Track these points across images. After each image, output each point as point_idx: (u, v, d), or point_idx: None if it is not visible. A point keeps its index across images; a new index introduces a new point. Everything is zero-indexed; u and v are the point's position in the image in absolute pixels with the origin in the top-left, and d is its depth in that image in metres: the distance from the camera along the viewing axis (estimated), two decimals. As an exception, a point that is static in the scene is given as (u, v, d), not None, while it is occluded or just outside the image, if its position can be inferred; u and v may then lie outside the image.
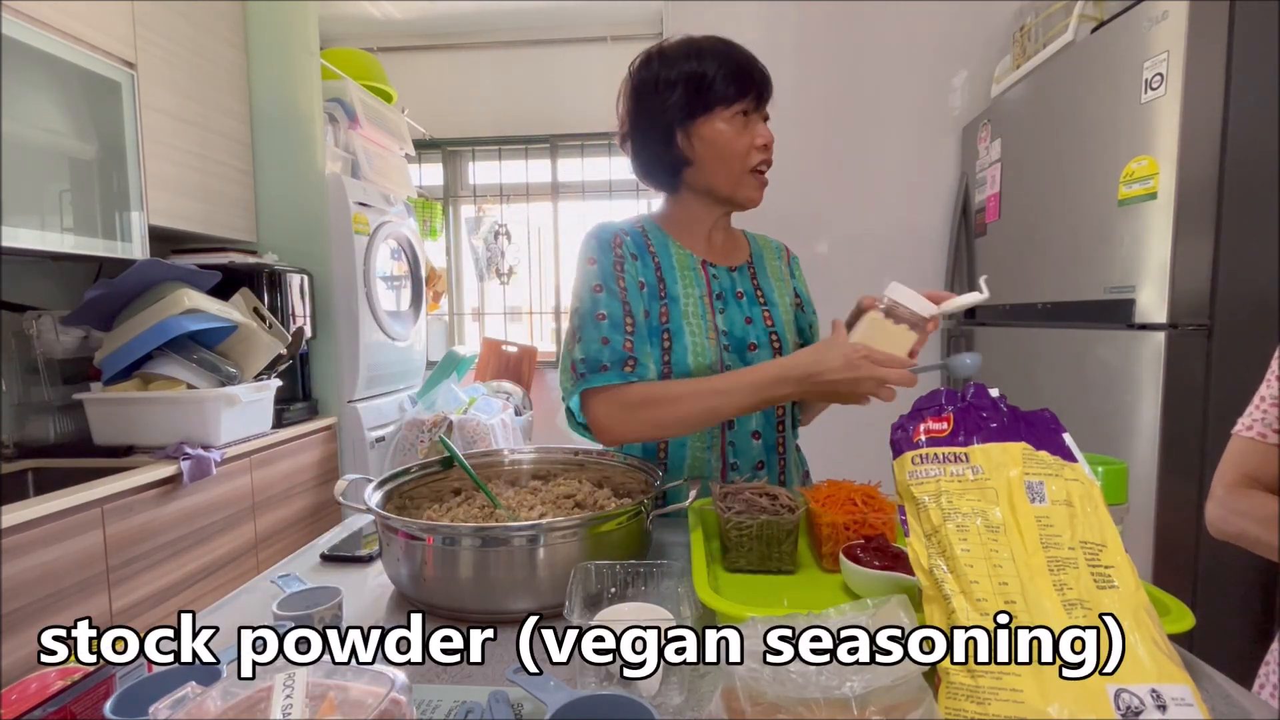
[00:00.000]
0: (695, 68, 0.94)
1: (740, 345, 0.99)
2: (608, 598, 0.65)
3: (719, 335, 0.98)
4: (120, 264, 1.69)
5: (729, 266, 1.05)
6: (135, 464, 1.59)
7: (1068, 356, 1.58)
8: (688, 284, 1.00)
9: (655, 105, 0.95)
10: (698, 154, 0.96)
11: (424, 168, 3.62)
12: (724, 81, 0.93)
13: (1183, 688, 0.43)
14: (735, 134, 0.94)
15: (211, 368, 1.75)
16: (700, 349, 0.96)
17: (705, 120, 0.94)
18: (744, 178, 0.96)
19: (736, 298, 1.02)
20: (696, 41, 0.97)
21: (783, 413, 1.03)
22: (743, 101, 0.93)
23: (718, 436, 1.00)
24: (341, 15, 3.15)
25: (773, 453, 1.03)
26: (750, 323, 1.01)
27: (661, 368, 0.96)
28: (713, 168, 0.96)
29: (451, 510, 0.86)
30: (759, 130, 0.96)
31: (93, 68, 1.61)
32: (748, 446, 1.01)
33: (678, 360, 0.96)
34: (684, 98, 0.94)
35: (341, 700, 0.42)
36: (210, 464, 1.67)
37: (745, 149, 0.95)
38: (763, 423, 1.01)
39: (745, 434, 1.00)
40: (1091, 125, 1.49)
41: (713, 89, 0.93)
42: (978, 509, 0.52)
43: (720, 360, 0.97)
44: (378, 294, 2.49)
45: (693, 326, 0.97)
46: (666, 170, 0.99)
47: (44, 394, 1.78)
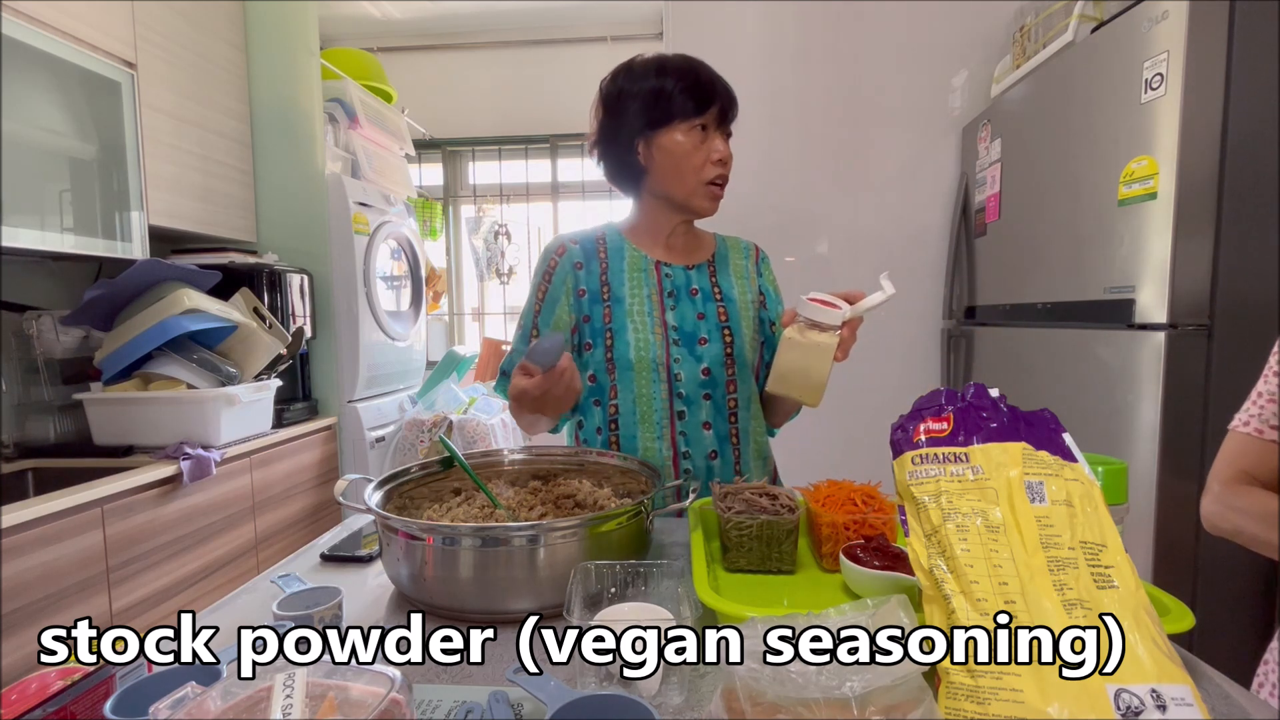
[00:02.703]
0: (658, 83, 1.00)
1: (690, 339, 1.05)
2: (608, 598, 0.65)
3: (668, 330, 1.04)
4: (120, 264, 1.69)
5: (686, 265, 1.10)
6: (135, 464, 1.59)
7: (1068, 356, 1.58)
8: (636, 284, 1.06)
9: (620, 115, 1.03)
10: (656, 163, 1.02)
11: (424, 168, 3.63)
12: (684, 97, 0.99)
13: (1183, 688, 0.43)
14: (692, 147, 1.00)
15: (211, 368, 1.75)
16: (643, 344, 1.03)
17: (665, 132, 1.00)
18: (698, 188, 1.02)
19: (690, 295, 1.08)
20: (665, 59, 1.03)
21: (734, 404, 1.06)
22: (701, 117, 1.00)
23: (667, 427, 1.04)
24: (341, 15, 3.15)
25: (725, 443, 1.06)
26: (702, 318, 1.06)
27: (605, 364, 1.04)
28: (669, 177, 1.02)
29: (451, 510, 0.86)
30: (716, 146, 1.01)
31: (93, 68, 1.61)
32: (699, 437, 1.04)
33: (619, 355, 1.03)
34: (646, 109, 1.00)
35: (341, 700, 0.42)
36: (210, 464, 1.67)
37: (700, 162, 1.01)
38: (713, 413, 1.05)
39: (696, 424, 1.04)
40: (1091, 125, 1.49)
41: (673, 103, 0.99)
42: (978, 509, 0.52)
43: (667, 353, 1.04)
44: (378, 294, 2.49)
45: (637, 324, 1.04)
46: (629, 177, 1.07)
47: (44, 394, 1.78)
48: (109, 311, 1.72)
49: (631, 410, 1.04)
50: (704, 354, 1.05)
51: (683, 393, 1.04)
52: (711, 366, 1.05)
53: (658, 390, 1.03)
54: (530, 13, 3.18)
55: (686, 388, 1.04)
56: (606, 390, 1.05)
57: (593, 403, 1.07)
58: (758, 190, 2.30)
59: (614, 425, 1.05)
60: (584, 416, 1.09)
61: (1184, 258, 1.28)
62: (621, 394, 1.04)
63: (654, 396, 1.03)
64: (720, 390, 1.05)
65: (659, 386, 1.03)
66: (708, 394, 1.05)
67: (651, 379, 1.03)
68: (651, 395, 1.03)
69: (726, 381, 1.06)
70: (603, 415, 1.06)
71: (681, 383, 1.04)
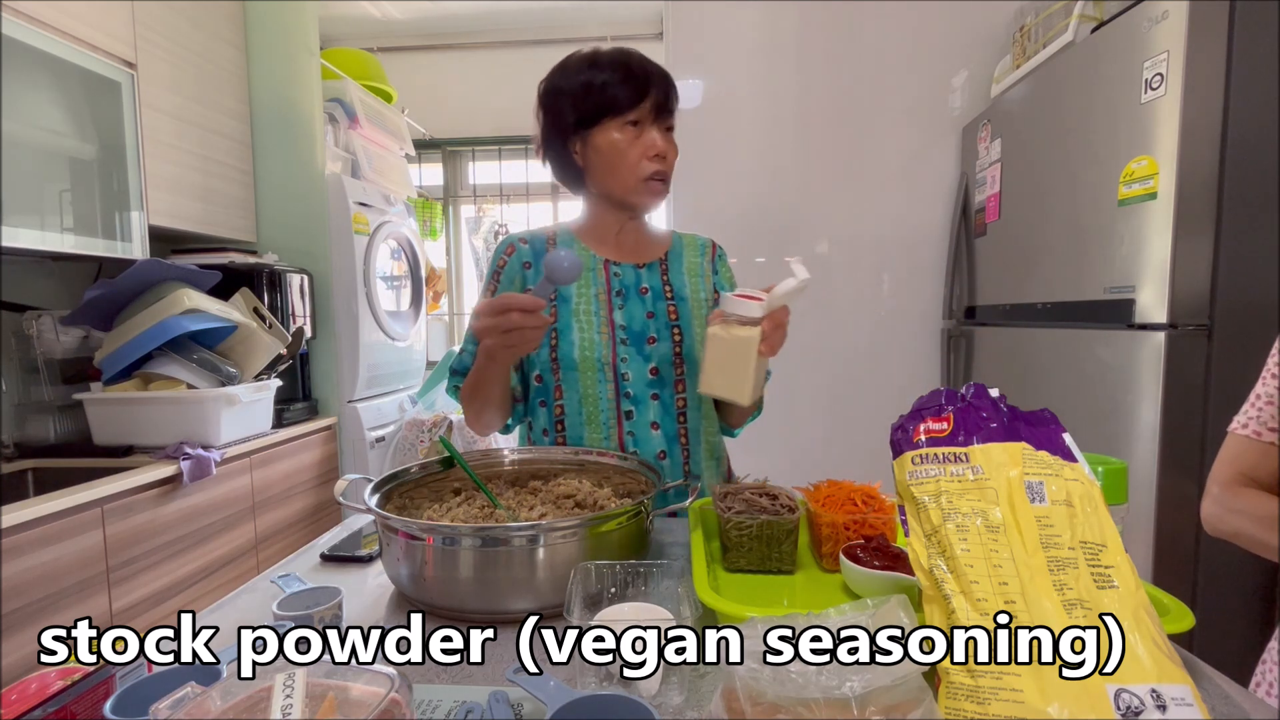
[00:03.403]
0: (589, 78, 0.98)
1: (639, 338, 1.04)
2: (608, 598, 0.65)
3: (615, 329, 1.03)
4: (120, 264, 1.69)
5: (636, 264, 1.09)
6: (135, 464, 1.59)
7: (1068, 356, 1.58)
8: (583, 284, 1.06)
9: (555, 114, 1.01)
10: (592, 162, 1.01)
11: (424, 168, 3.62)
12: (614, 92, 0.96)
13: (1183, 688, 0.43)
14: (627, 143, 0.98)
15: (211, 368, 1.75)
16: (588, 343, 1.02)
17: (598, 129, 0.98)
18: (636, 185, 1.00)
19: (640, 293, 1.06)
20: (597, 54, 1.00)
21: (683, 403, 1.06)
22: (633, 111, 0.97)
23: (614, 427, 1.03)
24: (341, 15, 3.15)
25: (674, 443, 1.05)
26: (652, 317, 1.05)
27: (550, 364, 1.03)
28: (606, 176, 1.01)
29: (451, 510, 0.86)
30: (651, 140, 0.98)
31: (93, 68, 1.61)
32: (647, 437, 1.03)
33: (564, 355, 1.02)
34: (578, 107, 0.98)
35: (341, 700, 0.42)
36: (210, 464, 1.67)
37: (636, 158, 0.98)
38: (661, 413, 1.04)
39: (644, 424, 1.03)
40: (1091, 125, 1.49)
41: (603, 99, 0.97)
42: (978, 509, 0.52)
43: (614, 353, 1.02)
44: (378, 294, 2.49)
45: (582, 323, 1.03)
46: (571, 177, 1.06)
47: (44, 394, 1.78)
48: (109, 311, 1.72)
49: (578, 410, 1.03)
50: (652, 353, 1.04)
51: (630, 392, 1.03)
52: (660, 366, 1.04)
53: (603, 390, 1.02)
54: (530, 13, 3.18)
55: (634, 387, 1.03)
56: (552, 390, 1.04)
57: (539, 403, 1.07)
58: (758, 190, 2.30)
59: (560, 426, 1.04)
60: (531, 417, 1.09)
61: (1184, 258, 1.28)
62: (567, 394, 1.03)
63: (600, 396, 1.02)
64: (669, 390, 1.04)
65: (605, 386, 1.02)
66: (656, 394, 1.04)
67: (597, 378, 1.02)
68: (597, 395, 1.02)
69: (675, 381, 1.05)
70: (549, 416, 1.05)
71: (629, 382, 1.03)
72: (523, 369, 1.08)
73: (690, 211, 2.31)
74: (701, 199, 2.31)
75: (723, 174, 2.30)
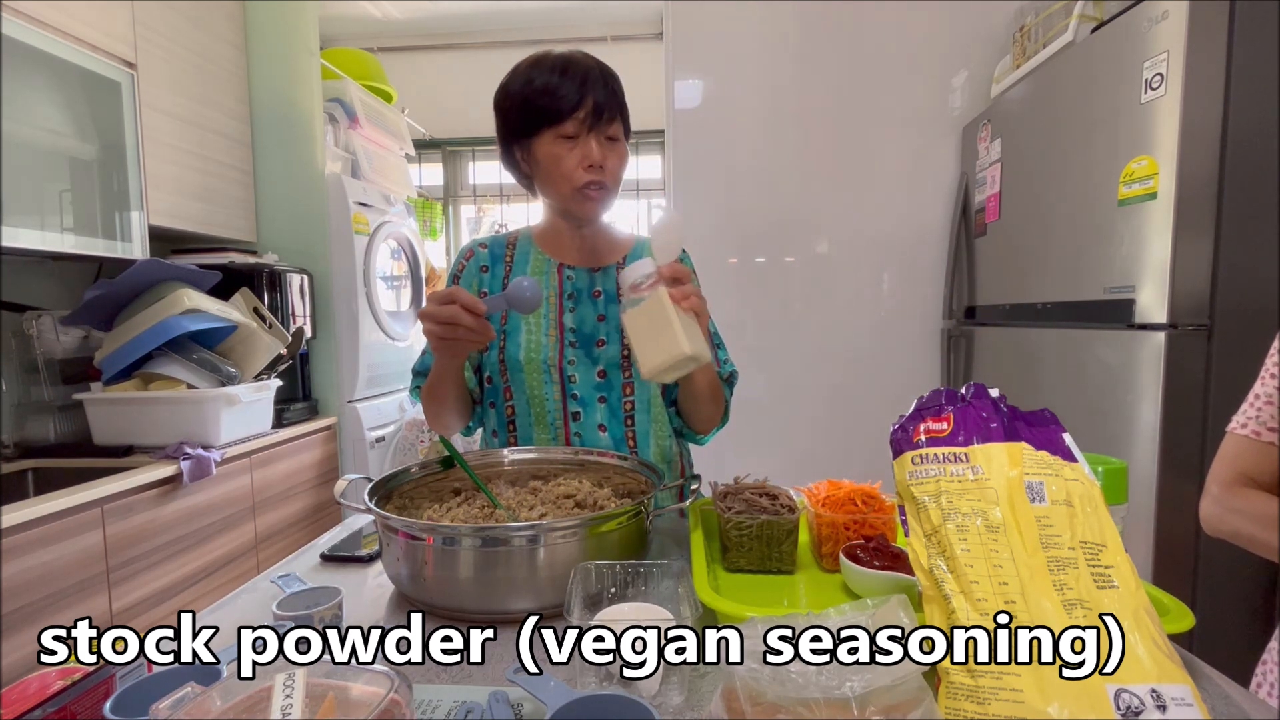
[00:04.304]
0: (528, 88, 0.96)
1: (588, 341, 1.05)
2: (608, 598, 0.65)
3: (564, 332, 1.04)
4: (120, 264, 1.69)
5: (591, 267, 1.09)
6: (135, 464, 1.59)
7: (1068, 356, 1.58)
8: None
9: (501, 123, 1.01)
10: (535, 171, 1.01)
11: (424, 168, 3.63)
12: (549, 103, 0.94)
13: (1182, 688, 0.43)
14: (563, 153, 0.96)
15: (211, 368, 1.75)
16: (534, 345, 1.03)
17: (537, 140, 0.97)
18: (571, 194, 0.98)
19: (592, 296, 1.07)
20: (540, 59, 0.98)
21: (631, 406, 1.06)
22: (568, 124, 0.94)
23: (561, 429, 1.04)
24: (341, 15, 3.15)
25: (621, 446, 1.06)
26: (602, 320, 1.06)
27: (499, 365, 1.04)
28: (545, 184, 1.01)
29: (451, 510, 0.86)
30: (587, 150, 0.96)
31: (93, 68, 1.61)
32: (594, 439, 1.04)
33: (510, 356, 1.03)
34: (518, 117, 0.98)
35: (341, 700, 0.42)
36: (210, 464, 1.67)
37: (571, 168, 0.96)
38: (608, 416, 1.05)
39: (591, 426, 1.04)
40: (1091, 125, 1.49)
41: (538, 110, 0.95)
42: (978, 509, 0.52)
43: (561, 355, 1.03)
44: (378, 294, 2.49)
45: (530, 325, 1.04)
46: (523, 183, 1.06)
47: (44, 394, 1.78)
48: (109, 311, 1.72)
49: (526, 411, 1.04)
50: (600, 356, 1.04)
51: (577, 394, 1.04)
52: (607, 369, 1.04)
53: (550, 391, 1.03)
54: (530, 13, 3.18)
55: (581, 389, 1.04)
56: (501, 391, 1.06)
57: (489, 405, 1.08)
58: (758, 190, 2.30)
59: (511, 426, 1.06)
60: (484, 418, 1.10)
61: (1184, 258, 1.28)
62: (516, 395, 1.05)
63: (546, 398, 1.03)
64: (616, 393, 1.05)
65: (551, 388, 1.03)
66: (603, 397, 1.05)
67: (543, 380, 1.03)
68: (544, 396, 1.03)
69: (623, 384, 1.05)
70: (499, 416, 1.07)
71: (576, 384, 1.03)
72: (479, 371, 1.09)
73: (690, 212, 2.31)
74: (701, 199, 2.31)
75: (723, 174, 2.29)
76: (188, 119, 1.95)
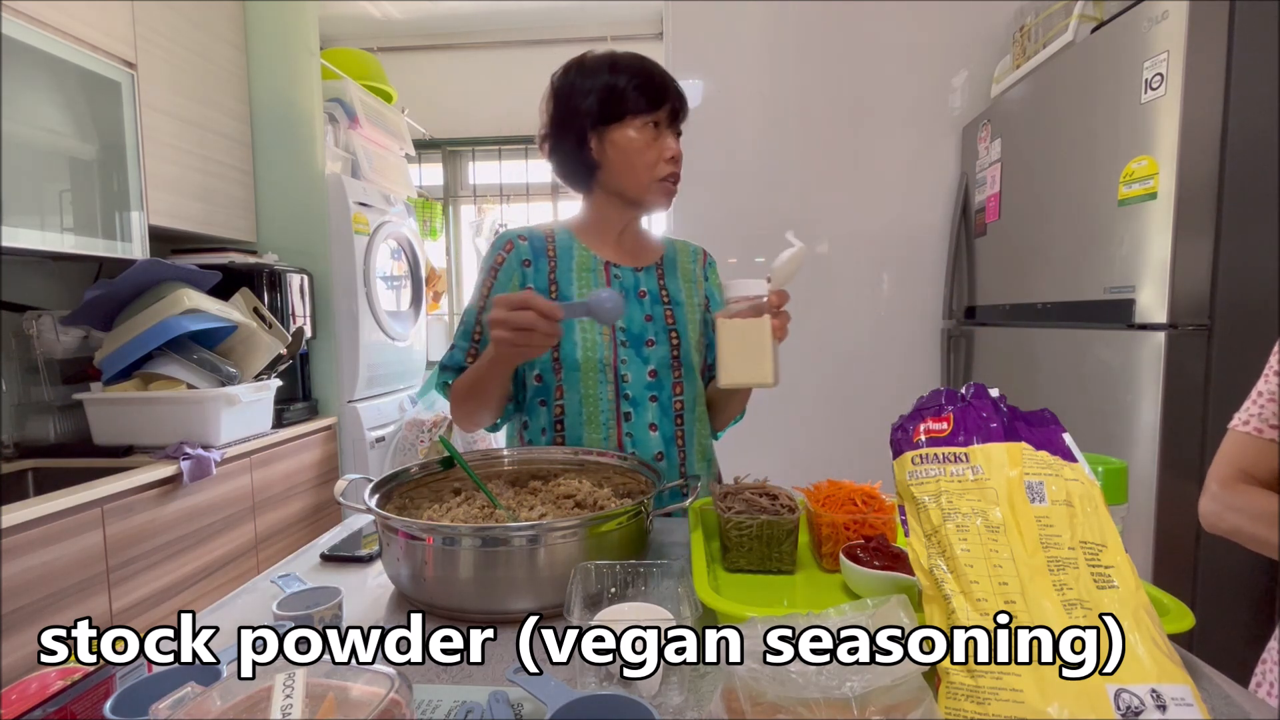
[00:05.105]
0: (612, 79, 1.00)
1: (638, 341, 1.05)
2: (608, 598, 0.65)
3: (615, 331, 1.05)
4: (120, 264, 1.69)
5: (635, 267, 1.10)
6: (135, 464, 1.59)
7: (1068, 356, 1.58)
8: (584, 284, 1.06)
9: (572, 110, 1.02)
10: (609, 158, 1.02)
11: (424, 168, 3.62)
12: (637, 93, 0.99)
13: (1182, 688, 0.43)
14: (645, 143, 1.00)
15: (211, 368, 1.75)
16: (590, 344, 1.03)
17: (617, 127, 1.00)
18: (652, 185, 1.02)
19: (639, 296, 1.08)
20: (617, 56, 1.02)
21: (680, 406, 1.07)
22: (654, 114, 1.00)
23: (613, 428, 1.04)
24: (341, 15, 3.15)
25: (671, 445, 1.06)
26: (650, 320, 1.07)
27: (551, 364, 1.04)
28: (622, 172, 1.02)
29: (451, 510, 0.86)
30: (668, 143, 1.01)
31: (93, 68, 1.61)
32: (645, 438, 1.04)
33: (566, 355, 1.03)
34: (599, 104, 1.00)
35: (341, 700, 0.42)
36: (210, 464, 1.67)
37: (654, 159, 1.00)
38: (659, 415, 1.05)
39: (642, 426, 1.05)
40: (1091, 125, 1.49)
41: (626, 99, 0.99)
42: (978, 509, 0.52)
43: (615, 354, 1.03)
44: (378, 294, 2.49)
45: (584, 325, 1.04)
46: (581, 172, 1.06)
47: (44, 394, 1.78)
48: (109, 311, 1.72)
49: (578, 410, 1.03)
50: (650, 356, 1.05)
51: (629, 394, 1.04)
52: (658, 368, 1.05)
53: (604, 391, 1.03)
54: (530, 13, 3.18)
55: (633, 389, 1.04)
56: (552, 390, 1.05)
57: (538, 403, 1.07)
58: (758, 190, 2.30)
59: (560, 425, 1.05)
60: (529, 417, 1.08)
61: (1184, 258, 1.28)
62: (568, 394, 1.04)
63: (600, 397, 1.03)
64: (666, 392, 1.05)
65: (605, 387, 1.03)
66: (654, 396, 1.05)
67: (598, 379, 1.03)
68: (598, 396, 1.03)
69: (673, 384, 1.06)
70: (549, 415, 1.06)
71: (628, 384, 1.04)
72: (519, 368, 1.08)
73: (690, 212, 2.31)
74: (701, 199, 2.31)
75: (723, 174, 2.29)
76: (188, 119, 1.95)
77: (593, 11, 3.18)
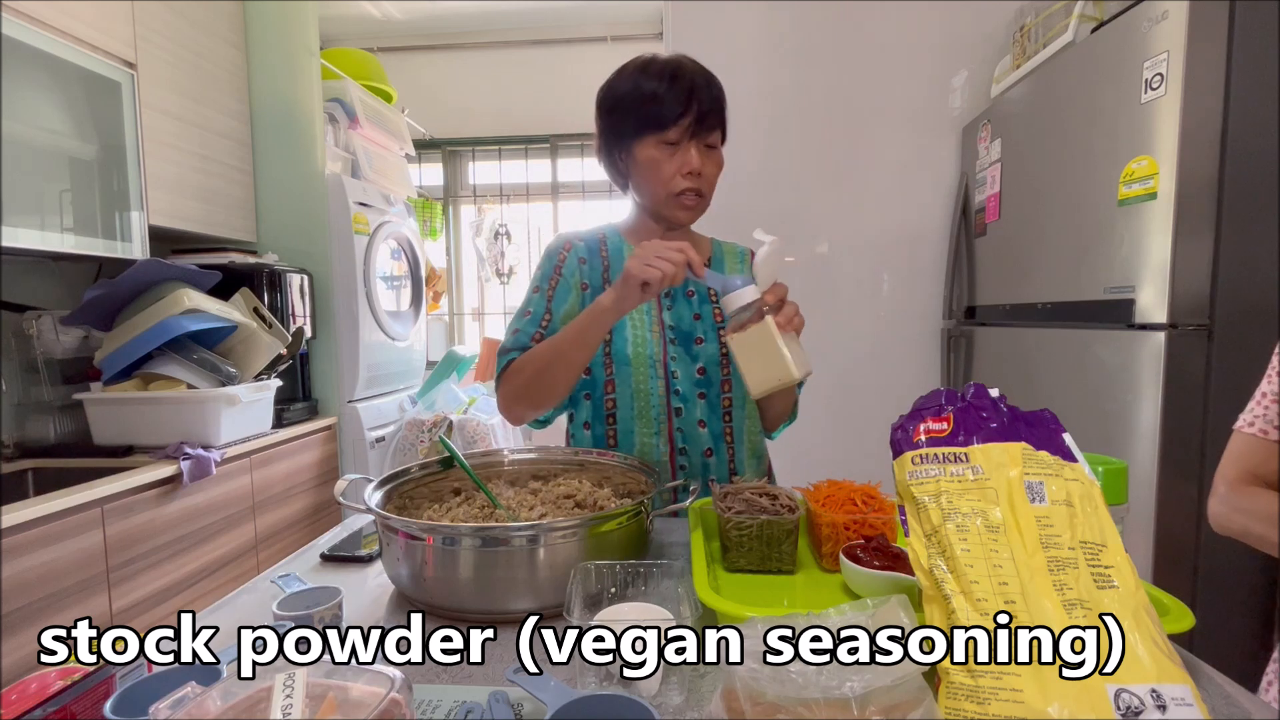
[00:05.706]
0: (635, 92, 0.99)
1: (686, 338, 1.07)
2: (608, 598, 0.65)
3: (664, 329, 1.06)
4: (120, 264, 1.69)
5: None
6: (135, 464, 1.59)
7: (1068, 356, 1.58)
8: None
9: (604, 123, 1.04)
10: (632, 173, 1.04)
11: (424, 168, 3.63)
12: (654, 109, 0.97)
13: (1183, 688, 0.43)
14: (663, 159, 0.99)
15: (211, 368, 1.75)
16: (640, 340, 1.04)
17: (638, 144, 1.00)
18: (668, 200, 1.02)
19: (686, 296, 1.09)
20: (649, 64, 1.01)
21: (729, 403, 1.07)
22: (672, 130, 0.97)
23: (664, 423, 1.05)
24: (341, 15, 3.15)
25: (720, 441, 1.07)
26: (698, 318, 1.08)
27: (603, 359, 1.05)
28: (642, 187, 1.04)
29: (451, 510, 0.86)
30: (687, 158, 0.99)
31: (93, 68, 1.61)
32: (695, 434, 1.05)
33: (617, 351, 1.04)
34: (623, 120, 1.01)
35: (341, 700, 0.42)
36: (210, 464, 1.67)
37: (670, 175, 1.00)
38: (708, 412, 1.06)
39: (692, 421, 1.05)
40: (1091, 125, 1.49)
41: (644, 115, 0.98)
42: (978, 509, 0.52)
43: (665, 351, 1.05)
44: (378, 294, 2.49)
45: (635, 321, 1.05)
46: (619, 180, 1.09)
47: (44, 394, 1.77)
48: (109, 311, 1.72)
49: (630, 406, 1.05)
50: (699, 353, 1.06)
51: (679, 390, 1.05)
52: (707, 366, 1.06)
53: (655, 386, 1.04)
54: (530, 13, 3.18)
55: (682, 385, 1.05)
56: (601, 384, 1.06)
57: (584, 396, 1.07)
58: (758, 190, 2.30)
59: (611, 420, 1.06)
60: (574, 409, 1.09)
61: (1184, 258, 1.28)
62: (619, 389, 1.05)
63: (651, 392, 1.04)
64: (715, 389, 1.06)
65: (656, 383, 1.04)
66: (703, 393, 1.06)
67: (649, 375, 1.04)
68: (649, 391, 1.04)
69: (721, 381, 1.07)
70: (595, 410, 1.07)
71: (678, 380, 1.05)
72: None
73: (690, 211, 2.31)
74: (701, 199, 2.31)
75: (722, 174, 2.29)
76: (188, 119, 1.95)
77: (593, 11, 3.18)
